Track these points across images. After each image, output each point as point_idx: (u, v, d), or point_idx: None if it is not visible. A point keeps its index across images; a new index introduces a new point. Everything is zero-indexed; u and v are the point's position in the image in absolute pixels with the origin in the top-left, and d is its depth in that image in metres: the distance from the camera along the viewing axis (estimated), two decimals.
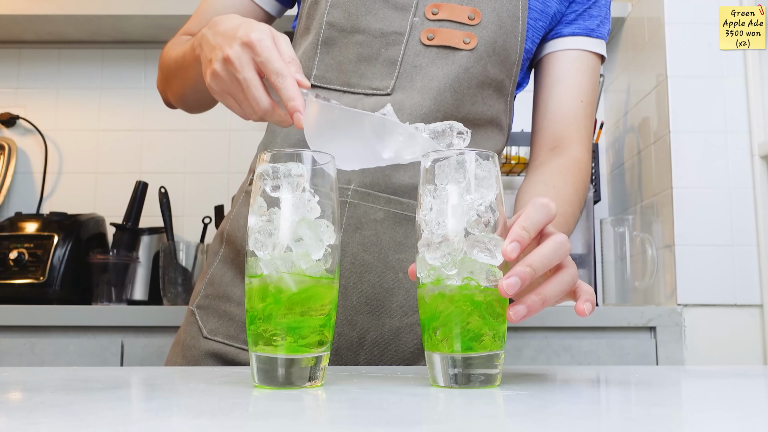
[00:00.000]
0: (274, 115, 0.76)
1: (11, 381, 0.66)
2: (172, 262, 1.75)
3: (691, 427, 0.47)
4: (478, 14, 0.95)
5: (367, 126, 0.69)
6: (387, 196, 0.92)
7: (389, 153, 0.68)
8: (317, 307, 0.60)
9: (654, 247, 1.62)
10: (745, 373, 0.79)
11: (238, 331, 0.93)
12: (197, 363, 0.94)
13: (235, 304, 0.94)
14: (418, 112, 0.92)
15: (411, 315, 0.92)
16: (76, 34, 2.07)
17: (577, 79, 1.04)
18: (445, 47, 0.94)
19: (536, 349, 1.49)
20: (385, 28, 0.95)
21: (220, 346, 0.93)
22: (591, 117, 1.06)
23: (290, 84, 0.73)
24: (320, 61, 0.96)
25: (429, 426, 0.45)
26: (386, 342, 0.91)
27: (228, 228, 0.99)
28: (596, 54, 1.05)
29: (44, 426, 0.42)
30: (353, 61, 0.95)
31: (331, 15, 0.96)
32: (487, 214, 0.60)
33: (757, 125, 1.57)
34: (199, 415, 0.47)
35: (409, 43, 0.94)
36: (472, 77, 0.95)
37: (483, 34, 0.95)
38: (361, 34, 0.95)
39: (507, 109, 1.02)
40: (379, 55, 0.94)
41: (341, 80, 0.95)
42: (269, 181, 0.61)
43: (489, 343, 0.60)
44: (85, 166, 2.10)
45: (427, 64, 0.94)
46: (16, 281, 1.70)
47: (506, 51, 0.97)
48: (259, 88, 0.75)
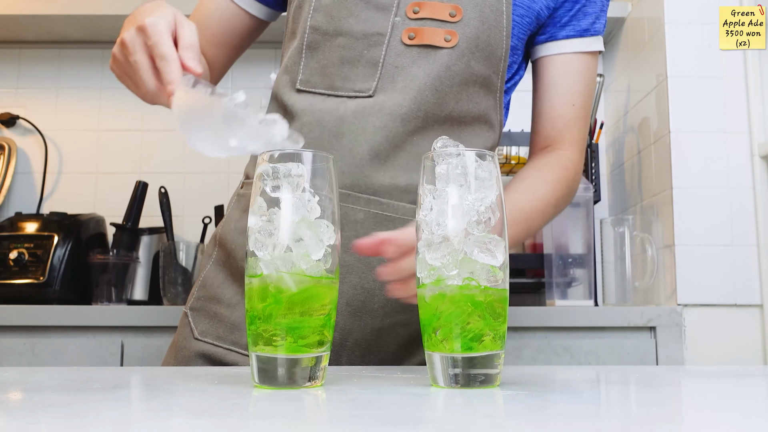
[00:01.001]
0: (161, 97, 0.81)
1: (11, 381, 0.66)
2: (172, 262, 1.75)
3: (691, 427, 0.47)
4: (459, 11, 0.95)
5: (219, 114, 0.71)
6: (367, 197, 0.91)
7: (234, 142, 0.70)
8: (317, 307, 0.60)
9: (654, 247, 1.62)
10: (745, 373, 0.79)
11: (227, 332, 0.93)
12: (188, 364, 0.94)
13: (224, 305, 0.95)
14: (397, 112, 0.92)
15: (392, 316, 0.92)
16: (76, 34, 2.07)
17: (569, 84, 1.04)
18: (425, 46, 0.94)
19: (536, 349, 1.49)
20: (367, 30, 0.94)
21: (209, 347, 0.93)
22: (585, 118, 1.06)
23: (171, 68, 0.76)
24: (305, 65, 0.96)
25: (429, 426, 0.45)
26: (368, 343, 0.91)
27: (220, 231, 1.00)
28: (592, 53, 1.05)
29: (44, 426, 0.42)
30: (336, 64, 0.95)
31: (314, 19, 0.96)
32: (488, 214, 0.60)
33: (757, 125, 1.57)
34: (199, 415, 0.47)
35: (390, 44, 0.94)
36: (454, 75, 0.94)
37: (465, 31, 0.94)
38: (344, 36, 0.95)
39: (497, 105, 1.01)
40: (362, 57, 0.94)
41: (325, 83, 0.95)
42: (269, 181, 0.61)
43: (489, 343, 0.60)
44: (85, 166, 2.10)
45: (408, 64, 0.93)
46: (16, 281, 1.70)
47: (491, 47, 0.96)
48: (147, 71, 0.80)
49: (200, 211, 2.01)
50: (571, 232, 1.68)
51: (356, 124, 0.92)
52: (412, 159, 0.93)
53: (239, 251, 0.95)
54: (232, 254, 0.96)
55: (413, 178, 0.92)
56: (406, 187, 0.92)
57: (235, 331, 0.93)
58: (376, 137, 0.91)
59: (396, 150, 0.92)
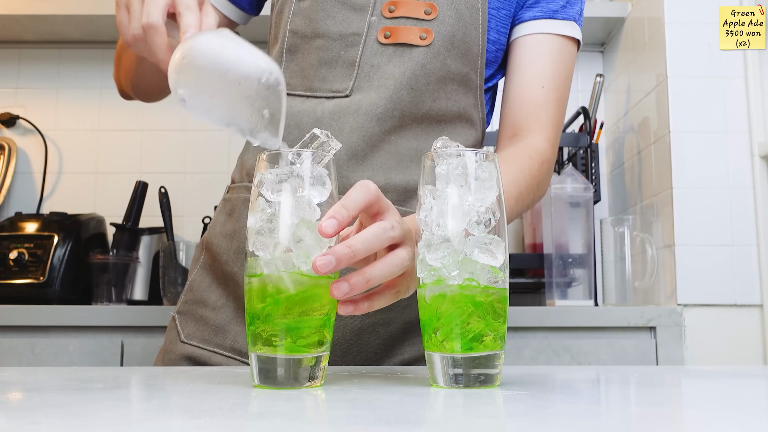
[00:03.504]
0: (153, 37, 0.73)
1: (11, 381, 0.66)
2: (172, 262, 1.75)
3: (691, 427, 0.47)
4: (434, 9, 0.94)
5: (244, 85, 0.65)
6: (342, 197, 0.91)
7: (249, 124, 0.64)
8: (317, 307, 0.60)
9: (654, 247, 1.62)
10: (745, 373, 0.79)
11: (212, 334, 0.93)
12: (174, 366, 0.94)
13: (210, 308, 0.95)
14: (373, 111, 0.91)
15: (372, 315, 0.90)
16: (76, 34, 2.07)
17: (537, 64, 0.99)
18: (401, 45, 0.93)
19: (536, 349, 1.49)
20: (344, 30, 0.94)
21: (194, 350, 0.94)
22: (557, 103, 1.00)
23: (193, 18, 0.70)
24: (285, 68, 0.97)
25: (429, 426, 0.45)
26: (348, 343, 0.91)
27: (207, 235, 1.00)
28: (564, 36, 1.01)
29: (44, 426, 0.42)
30: (315, 65, 0.95)
31: (293, 23, 0.97)
32: (488, 215, 0.60)
33: (757, 125, 1.57)
34: (199, 415, 0.47)
35: (366, 43, 0.94)
36: (430, 73, 0.93)
37: (440, 29, 0.94)
38: (322, 38, 0.95)
39: (477, 102, 1.00)
40: (339, 58, 0.94)
41: (304, 85, 0.95)
42: (270, 181, 0.61)
43: (489, 343, 0.60)
44: (85, 166, 2.10)
45: (384, 62, 0.93)
46: (16, 281, 1.70)
47: (467, 44, 0.96)
48: (159, 5, 0.73)
49: (200, 211, 2.01)
50: (571, 232, 1.68)
51: (333, 125, 0.91)
52: (390, 158, 0.92)
53: (224, 254, 0.95)
54: (217, 258, 0.96)
55: (391, 178, 0.91)
56: (385, 186, 0.91)
57: (219, 334, 0.92)
58: (353, 137, 0.91)
59: (373, 150, 0.92)
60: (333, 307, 0.62)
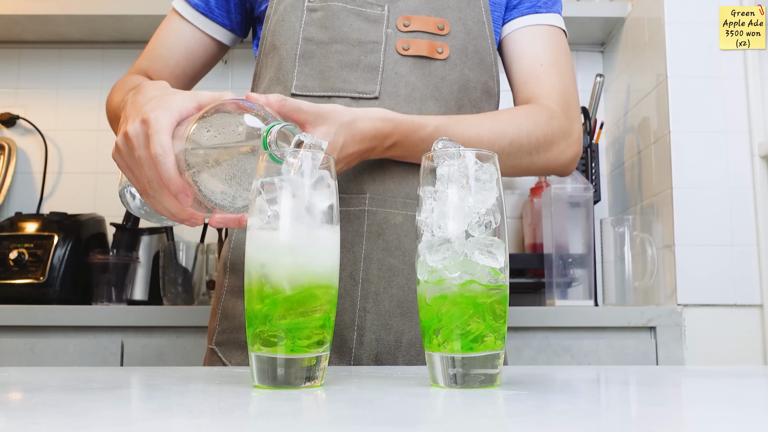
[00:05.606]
0: (163, 196, 0.74)
1: (11, 381, 0.66)
2: (172, 262, 1.75)
3: (691, 427, 0.47)
4: (447, 24, 0.98)
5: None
6: (402, 200, 0.93)
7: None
8: (316, 307, 0.60)
9: (654, 247, 1.62)
10: (745, 373, 0.79)
11: None
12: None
13: None
14: None
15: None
16: (76, 34, 2.07)
17: (531, 48, 1.04)
18: (420, 57, 0.96)
19: (536, 349, 1.49)
20: (363, 38, 0.96)
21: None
22: (559, 75, 1.02)
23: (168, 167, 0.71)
24: (299, 72, 0.97)
25: (429, 426, 0.45)
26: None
27: (230, 257, 0.98)
28: (551, 26, 1.05)
29: (44, 426, 0.42)
30: (335, 68, 0.96)
31: (306, 31, 0.98)
32: (488, 216, 0.60)
33: (757, 125, 1.57)
34: (199, 415, 0.47)
35: (386, 51, 0.96)
36: (452, 84, 0.96)
37: (454, 43, 0.98)
38: (340, 43, 0.96)
39: (497, 108, 1.04)
40: (360, 62, 0.96)
41: (324, 87, 0.95)
42: (270, 182, 0.61)
43: (489, 343, 0.60)
44: (85, 166, 2.10)
45: (407, 72, 0.95)
46: (16, 281, 1.70)
47: (479, 54, 0.99)
48: (152, 168, 0.72)
49: None
50: (571, 232, 1.68)
51: None
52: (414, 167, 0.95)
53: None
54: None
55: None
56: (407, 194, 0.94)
57: None
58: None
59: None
60: (332, 307, 0.62)
